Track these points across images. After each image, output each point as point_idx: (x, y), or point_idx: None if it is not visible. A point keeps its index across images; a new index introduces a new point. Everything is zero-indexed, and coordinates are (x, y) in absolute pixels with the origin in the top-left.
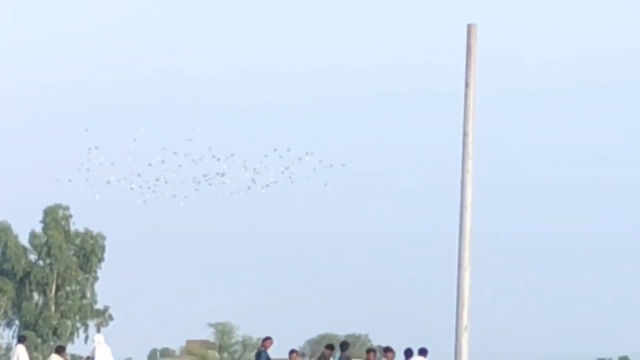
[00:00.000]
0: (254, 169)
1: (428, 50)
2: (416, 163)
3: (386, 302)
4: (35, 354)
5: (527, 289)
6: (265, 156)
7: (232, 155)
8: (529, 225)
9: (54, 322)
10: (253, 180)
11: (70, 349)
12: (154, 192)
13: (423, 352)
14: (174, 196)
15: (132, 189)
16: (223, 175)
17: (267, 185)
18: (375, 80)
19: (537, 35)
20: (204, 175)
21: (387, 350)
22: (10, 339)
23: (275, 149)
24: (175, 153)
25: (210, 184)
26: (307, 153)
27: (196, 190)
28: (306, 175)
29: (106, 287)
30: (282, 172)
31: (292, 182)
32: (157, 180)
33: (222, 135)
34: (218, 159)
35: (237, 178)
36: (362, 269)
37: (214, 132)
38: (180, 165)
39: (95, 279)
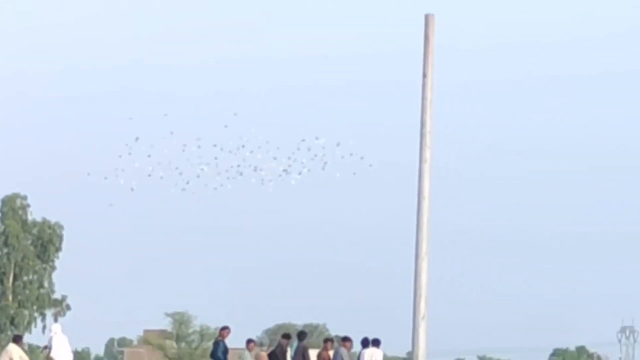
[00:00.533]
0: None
1: (386, 40)
2: (372, 152)
3: (344, 291)
4: None
5: (485, 279)
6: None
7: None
8: (488, 216)
9: (11, 312)
10: (203, 170)
11: (27, 338)
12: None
13: (376, 342)
14: (132, 189)
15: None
16: (176, 168)
17: (219, 174)
18: (328, 70)
19: (498, 26)
20: (159, 163)
21: (345, 339)
22: None
23: (198, 138)
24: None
25: (161, 177)
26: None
27: (149, 176)
28: (259, 165)
29: (64, 277)
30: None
31: (241, 174)
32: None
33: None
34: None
35: (189, 169)
36: (320, 258)
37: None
38: (129, 154)
39: (53, 268)
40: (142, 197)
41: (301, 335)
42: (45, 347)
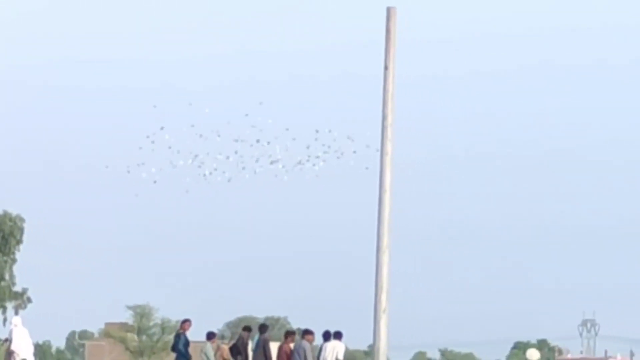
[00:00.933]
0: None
1: (348, 34)
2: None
3: (305, 284)
4: None
5: (447, 273)
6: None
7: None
8: (450, 209)
9: None
10: (172, 162)
11: None
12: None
13: (338, 335)
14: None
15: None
16: (143, 163)
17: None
18: (296, 64)
19: (460, 19)
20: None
21: (307, 332)
22: None
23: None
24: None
25: (128, 171)
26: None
27: (128, 172)
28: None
29: (25, 270)
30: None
31: (199, 167)
32: None
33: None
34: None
35: (157, 162)
36: (281, 252)
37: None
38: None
39: (14, 261)
40: (103, 193)
41: (262, 328)
42: (6, 340)
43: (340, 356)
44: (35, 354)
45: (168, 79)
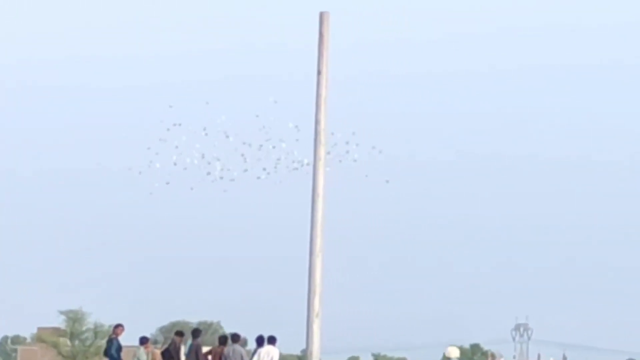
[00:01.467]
0: None
1: (281, 38)
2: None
3: (239, 289)
4: None
5: (380, 276)
6: None
7: None
8: (384, 212)
9: None
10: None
11: None
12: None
13: (272, 340)
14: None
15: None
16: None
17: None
18: (228, 65)
19: (394, 22)
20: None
21: (236, 337)
22: None
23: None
24: None
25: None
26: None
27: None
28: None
29: None
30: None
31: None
32: None
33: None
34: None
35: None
36: (214, 255)
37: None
38: None
39: None
40: (32, 196)
41: (195, 332)
42: None
43: None
44: None
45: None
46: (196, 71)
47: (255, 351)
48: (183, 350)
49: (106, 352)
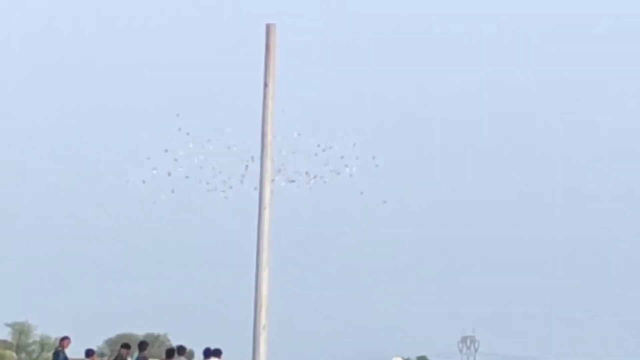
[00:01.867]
0: None
1: (227, 50)
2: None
3: (185, 301)
4: None
5: (327, 289)
6: None
7: None
8: (328, 224)
9: None
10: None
11: None
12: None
13: (217, 352)
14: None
15: None
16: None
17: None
18: (174, 79)
19: (340, 36)
20: None
21: (182, 349)
22: None
23: None
24: None
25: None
26: None
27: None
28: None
29: None
30: None
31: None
32: None
33: None
34: None
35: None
36: (162, 268)
37: None
38: None
39: None
40: None
41: (142, 345)
42: None
43: None
44: None
45: None
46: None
47: None
48: None
49: None
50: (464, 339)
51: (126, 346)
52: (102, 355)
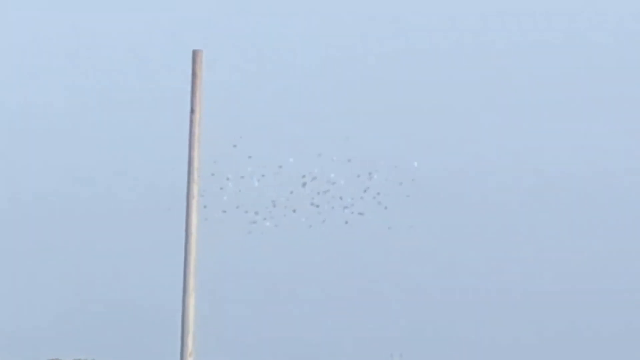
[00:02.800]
0: None
1: (153, 76)
2: (140, 186)
3: (113, 326)
4: None
5: (253, 317)
6: None
7: None
8: (254, 252)
9: None
10: None
11: None
12: None
13: None
14: None
15: None
16: None
17: None
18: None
19: (267, 61)
20: None
21: None
22: None
23: None
24: None
25: None
26: None
27: None
28: None
29: None
30: None
31: None
32: None
33: None
34: None
35: None
36: (88, 292)
37: None
38: None
39: None
40: None
41: None
42: None
43: None
44: None
45: None
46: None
47: None
48: None
49: None
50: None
51: None
52: None
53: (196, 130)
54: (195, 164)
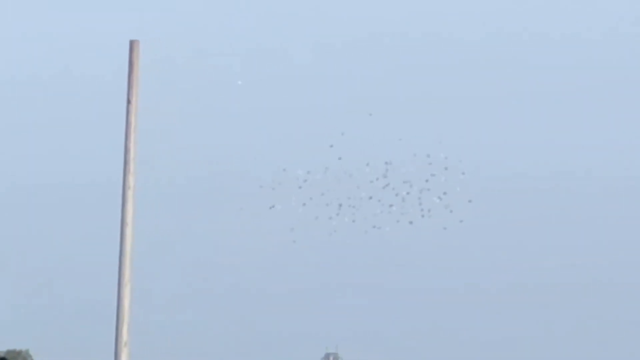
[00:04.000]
0: None
1: (90, 65)
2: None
3: (48, 316)
4: None
5: (189, 307)
6: None
7: None
8: (192, 243)
9: None
10: None
11: None
12: None
13: None
14: None
15: None
16: None
17: None
18: (30, 94)
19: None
20: None
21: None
22: None
23: None
24: None
25: None
26: None
27: None
28: None
29: None
30: None
31: None
32: None
33: None
34: None
35: None
36: (18, 282)
37: None
38: None
39: None
40: None
41: None
42: None
43: None
44: None
45: None
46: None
47: None
48: None
49: None
50: (326, 356)
51: None
52: None
53: (132, 120)
54: (132, 154)
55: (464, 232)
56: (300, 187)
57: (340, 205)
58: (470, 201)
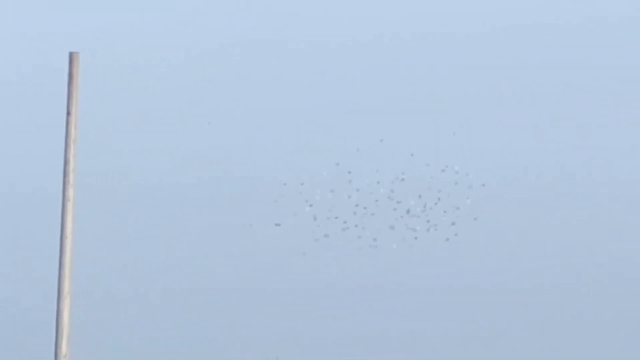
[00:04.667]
0: None
1: (30, 78)
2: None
3: None
4: None
5: (130, 322)
6: None
7: None
8: (133, 251)
9: None
10: None
11: None
12: None
13: None
14: None
15: None
16: None
17: None
18: None
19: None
20: None
21: None
22: None
23: None
24: None
25: None
26: None
27: None
28: None
29: None
30: None
31: None
32: None
33: None
34: None
35: None
36: None
37: None
38: None
39: None
40: None
41: None
42: None
43: None
44: None
45: None
46: None
47: None
48: None
49: None
50: None
51: None
52: None
53: (72, 131)
54: (72, 165)
55: (468, 236)
56: (310, 205)
57: (345, 222)
58: (475, 219)
